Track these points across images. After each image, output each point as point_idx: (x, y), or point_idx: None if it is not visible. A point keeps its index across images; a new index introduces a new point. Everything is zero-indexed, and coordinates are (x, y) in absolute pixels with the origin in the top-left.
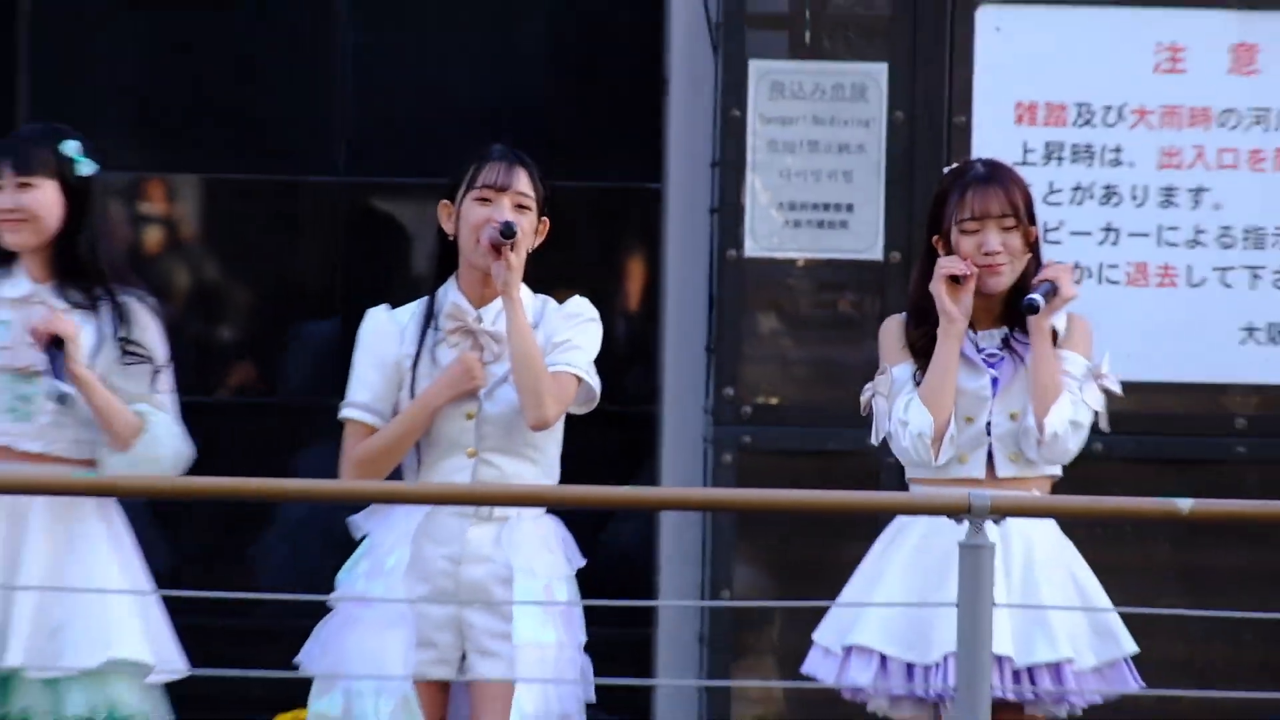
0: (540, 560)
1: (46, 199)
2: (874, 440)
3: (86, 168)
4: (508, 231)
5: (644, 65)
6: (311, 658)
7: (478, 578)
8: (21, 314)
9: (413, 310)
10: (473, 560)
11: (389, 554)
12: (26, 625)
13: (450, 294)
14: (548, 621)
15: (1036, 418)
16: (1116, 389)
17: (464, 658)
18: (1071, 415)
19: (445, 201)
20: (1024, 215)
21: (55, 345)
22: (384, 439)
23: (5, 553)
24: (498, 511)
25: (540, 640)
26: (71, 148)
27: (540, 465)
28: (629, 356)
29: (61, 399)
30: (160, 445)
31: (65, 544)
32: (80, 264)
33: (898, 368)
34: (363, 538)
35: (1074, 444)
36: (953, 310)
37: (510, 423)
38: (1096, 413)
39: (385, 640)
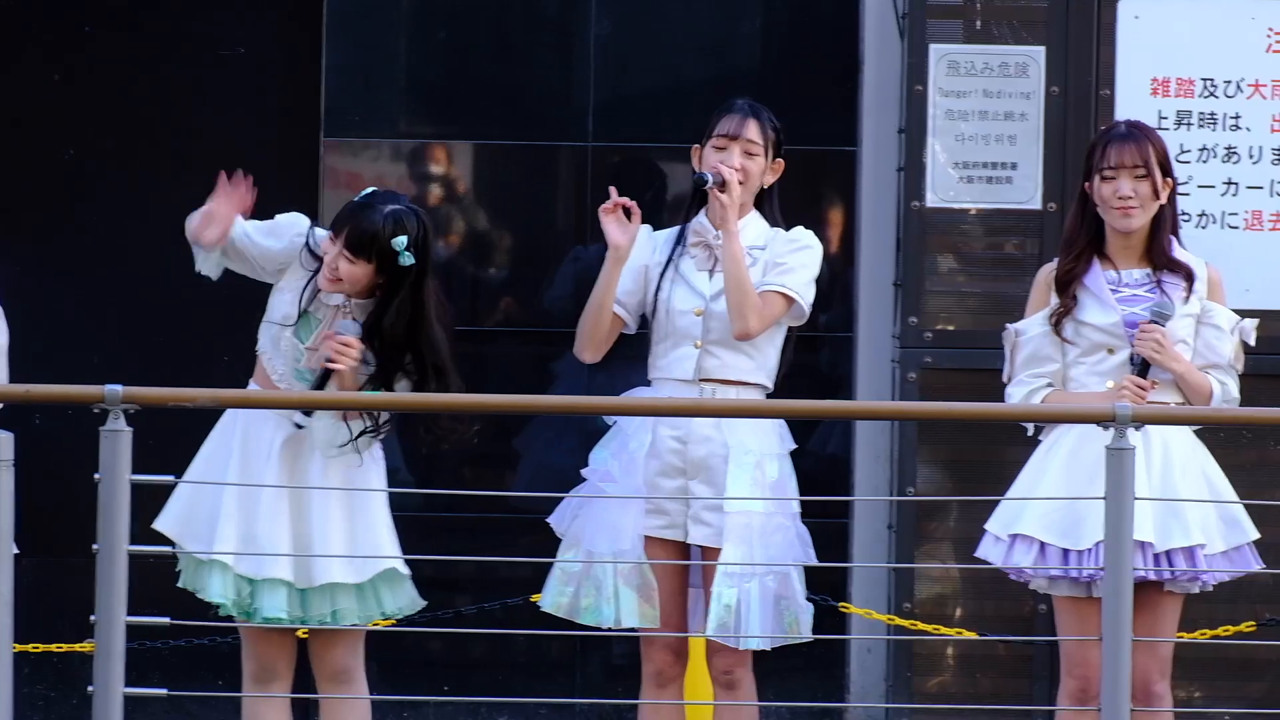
0: (754, 440)
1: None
2: (1005, 377)
3: (406, 260)
4: (700, 181)
5: (842, 49)
6: (560, 521)
7: (701, 455)
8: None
9: (669, 232)
10: (697, 440)
11: (632, 437)
12: (321, 543)
13: (700, 218)
14: (756, 493)
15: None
16: (1252, 341)
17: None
18: (1224, 398)
19: (696, 146)
20: (1155, 167)
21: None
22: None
23: (293, 475)
24: (719, 394)
25: (748, 508)
26: (400, 243)
27: (755, 360)
28: (829, 292)
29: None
30: None
31: (344, 466)
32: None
33: (1025, 322)
34: (613, 423)
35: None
36: None
37: (727, 322)
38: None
39: (624, 510)
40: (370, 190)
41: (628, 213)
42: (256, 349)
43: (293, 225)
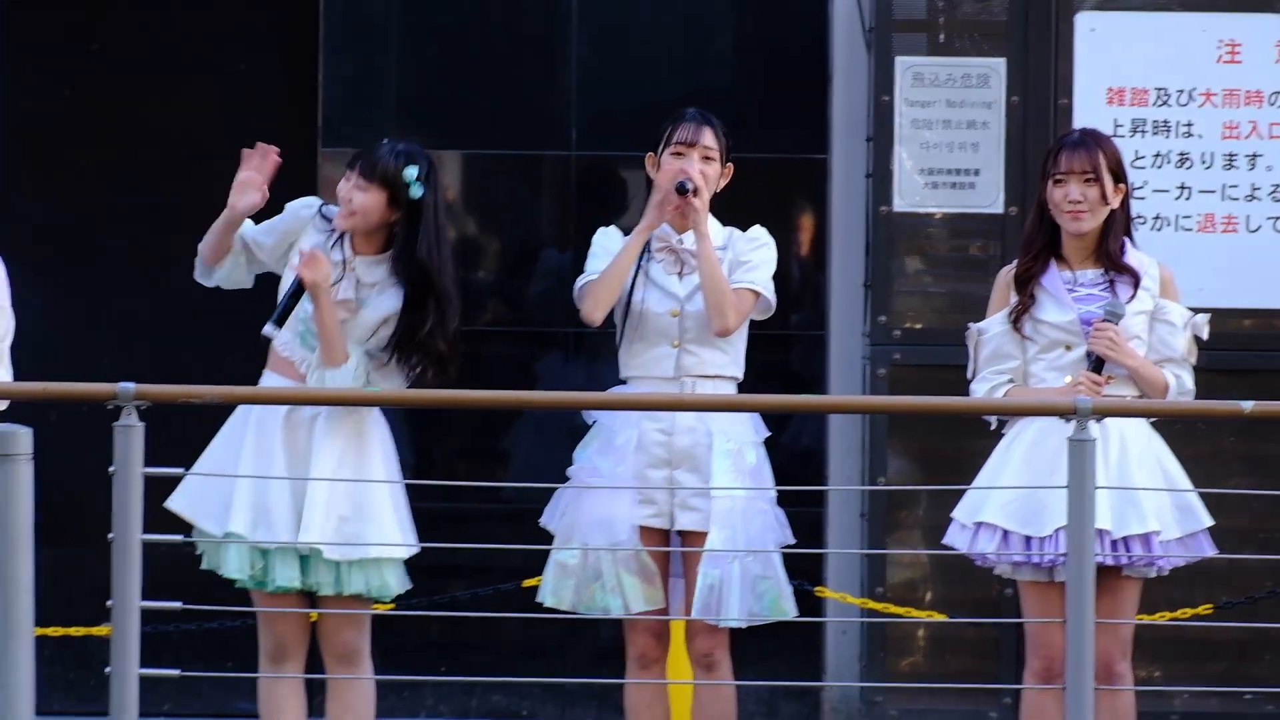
0: (734, 428)
1: (364, 201)
2: (969, 374)
3: (416, 191)
4: (681, 189)
5: (812, 61)
6: (551, 519)
7: (686, 445)
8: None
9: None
10: (681, 431)
11: (618, 434)
12: (320, 513)
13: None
14: (738, 479)
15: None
16: (1204, 335)
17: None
18: (1179, 390)
19: (650, 154)
20: (1105, 173)
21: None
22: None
23: (301, 452)
24: (699, 391)
25: (731, 493)
26: (410, 174)
27: (729, 354)
28: (800, 293)
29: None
30: None
31: (347, 444)
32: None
33: (987, 321)
34: (593, 422)
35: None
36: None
37: (707, 320)
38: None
39: (615, 503)
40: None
41: None
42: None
43: (302, 203)
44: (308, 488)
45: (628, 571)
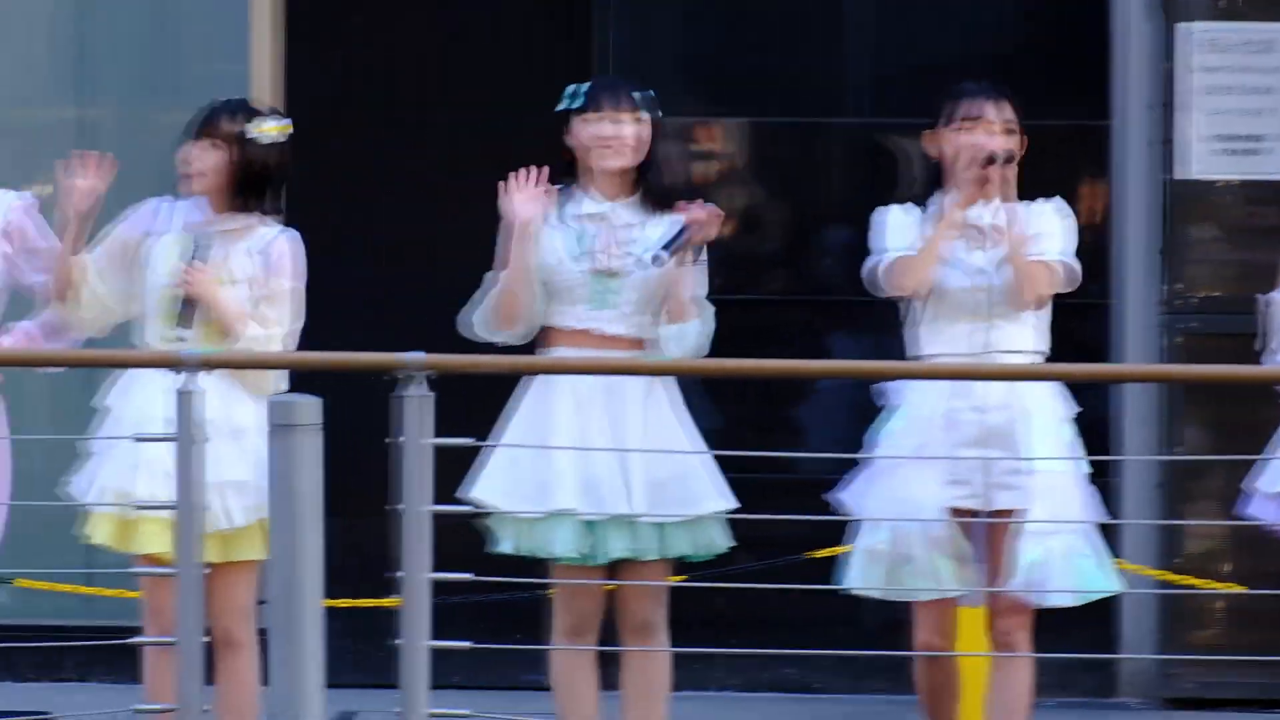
0: (1048, 404)
1: (635, 133)
2: (1256, 346)
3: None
4: (991, 159)
5: (1092, 24)
6: (854, 498)
7: (999, 422)
8: (599, 227)
9: (916, 213)
10: (994, 408)
11: (925, 412)
12: (641, 479)
13: (951, 199)
14: (1055, 454)
15: None
16: None
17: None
18: None
19: (928, 132)
20: None
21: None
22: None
23: (614, 420)
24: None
25: (1051, 467)
26: (649, 98)
27: (1036, 329)
28: (1088, 263)
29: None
30: None
31: (657, 408)
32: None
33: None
34: (883, 405)
35: None
36: None
37: (1013, 295)
38: None
39: (923, 484)
40: None
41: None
42: None
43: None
44: (628, 455)
45: (941, 554)
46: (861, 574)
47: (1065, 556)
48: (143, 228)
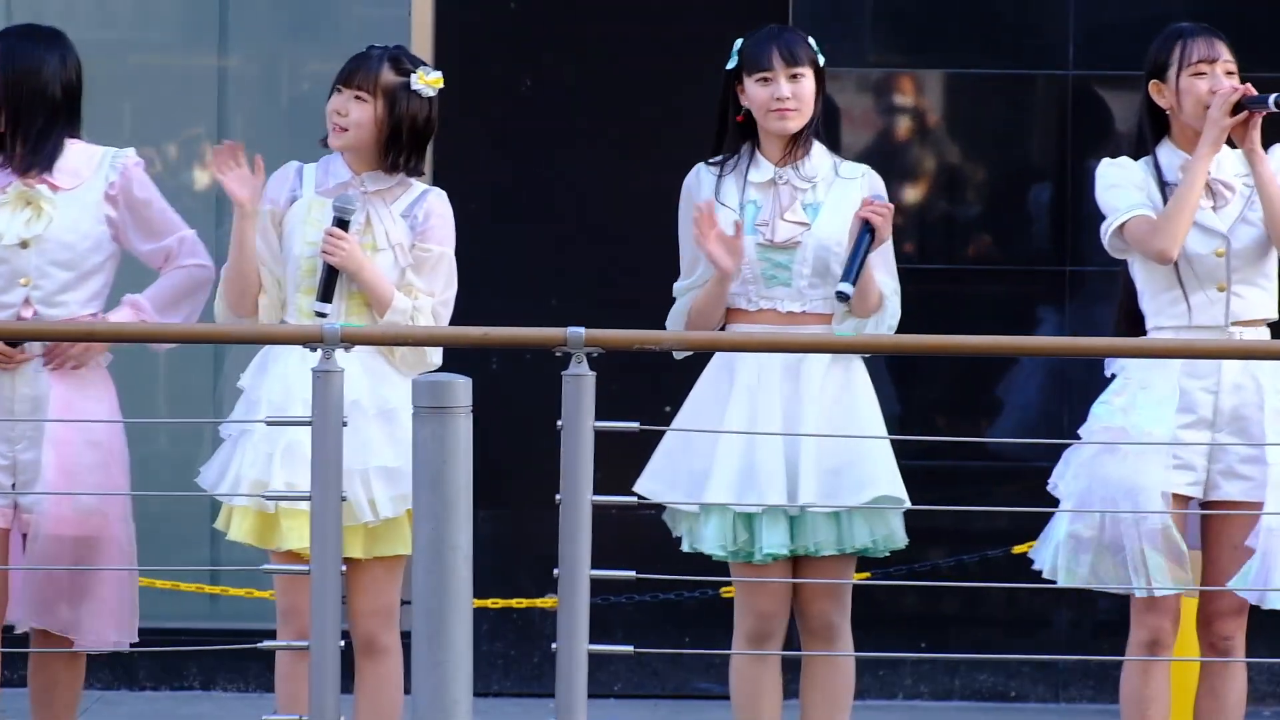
0: None
1: (810, 89)
2: None
3: (821, 60)
4: (1251, 103)
5: None
6: (1063, 480)
7: (1233, 405)
8: (768, 194)
9: (1142, 168)
10: (1228, 390)
11: (1150, 387)
12: (813, 467)
13: (1173, 153)
14: None
15: None
16: None
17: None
18: None
19: (1155, 81)
20: None
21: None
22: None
23: (789, 404)
24: (1246, 339)
25: None
26: (813, 43)
27: (1269, 293)
28: None
29: (842, 297)
30: None
31: (837, 391)
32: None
33: None
34: (1112, 376)
35: None
36: None
37: (1253, 256)
38: None
39: (1144, 467)
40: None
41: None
42: None
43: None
44: (800, 440)
45: (1153, 548)
46: (1066, 564)
47: None
48: (284, 194)
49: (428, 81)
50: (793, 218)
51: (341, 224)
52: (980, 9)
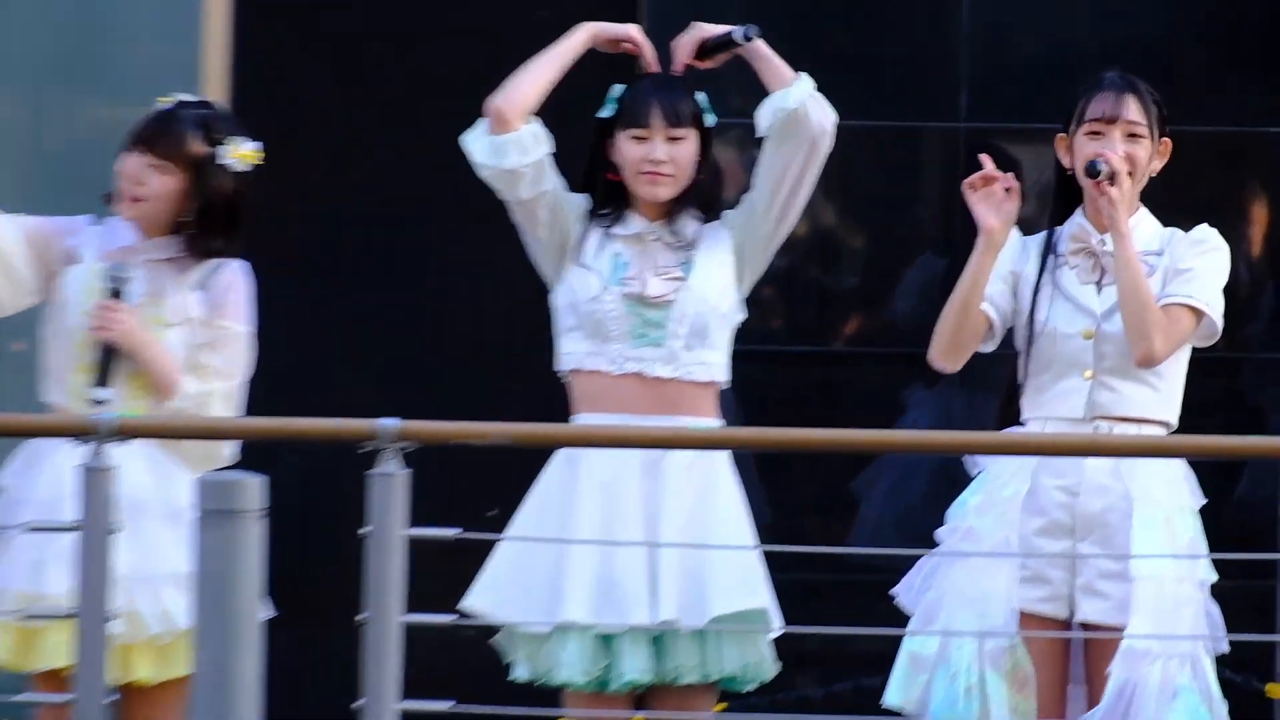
0: (1162, 491)
1: (691, 152)
2: None
3: (712, 119)
4: (1093, 170)
5: (1266, 12)
6: (909, 593)
7: (1095, 510)
8: (637, 250)
9: (1037, 238)
10: (1090, 491)
11: (1005, 485)
12: (674, 579)
13: (1076, 220)
14: (1166, 553)
15: None
16: None
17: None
18: None
19: (1061, 136)
20: None
21: None
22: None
23: (646, 508)
24: (1116, 433)
25: (1157, 573)
26: (703, 99)
27: (1161, 392)
28: (1250, 302)
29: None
30: None
31: (700, 493)
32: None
33: None
34: (978, 473)
35: None
36: None
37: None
38: None
39: (993, 577)
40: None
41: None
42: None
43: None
44: (660, 551)
45: (995, 670)
46: (903, 685)
47: (1163, 691)
48: (72, 237)
49: (241, 155)
50: (667, 273)
51: (115, 294)
52: (859, 54)
